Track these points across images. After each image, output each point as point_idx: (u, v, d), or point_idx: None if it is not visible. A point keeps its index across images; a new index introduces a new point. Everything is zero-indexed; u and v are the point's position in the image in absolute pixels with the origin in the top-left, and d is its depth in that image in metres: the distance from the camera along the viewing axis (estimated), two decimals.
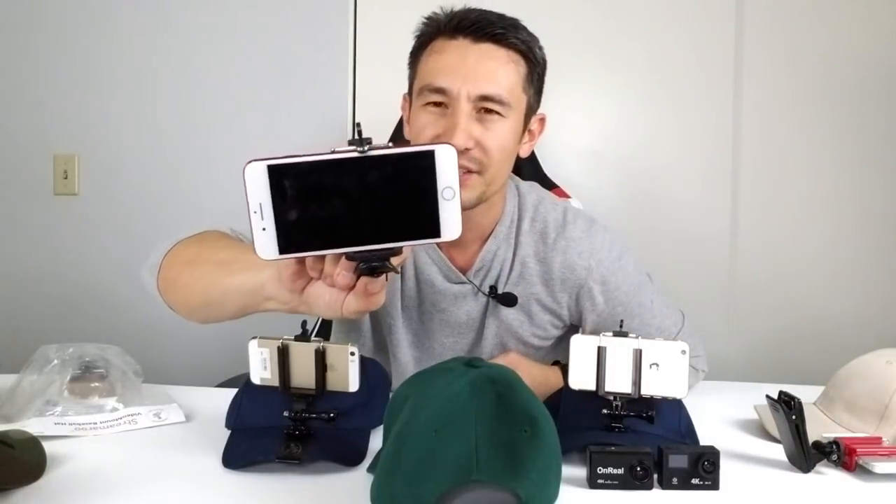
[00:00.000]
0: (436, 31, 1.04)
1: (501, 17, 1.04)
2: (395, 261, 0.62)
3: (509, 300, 1.11)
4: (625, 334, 0.85)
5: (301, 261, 0.66)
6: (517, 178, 1.18)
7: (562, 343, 1.18)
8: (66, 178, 2.16)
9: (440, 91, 1.00)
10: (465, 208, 1.01)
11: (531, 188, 1.18)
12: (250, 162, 0.59)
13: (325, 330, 1.42)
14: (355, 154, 0.58)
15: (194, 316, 0.93)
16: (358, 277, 0.65)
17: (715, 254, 2.07)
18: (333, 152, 0.59)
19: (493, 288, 1.11)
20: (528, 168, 1.37)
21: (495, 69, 1.01)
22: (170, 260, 0.94)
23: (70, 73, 2.15)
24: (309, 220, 0.60)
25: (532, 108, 1.08)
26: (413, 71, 1.07)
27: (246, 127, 2.12)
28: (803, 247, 2.07)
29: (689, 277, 2.04)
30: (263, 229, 0.60)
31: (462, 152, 0.97)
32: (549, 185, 1.46)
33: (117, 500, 0.74)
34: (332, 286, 0.66)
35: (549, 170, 1.35)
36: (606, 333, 0.85)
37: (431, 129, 1.00)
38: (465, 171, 1.00)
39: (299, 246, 0.60)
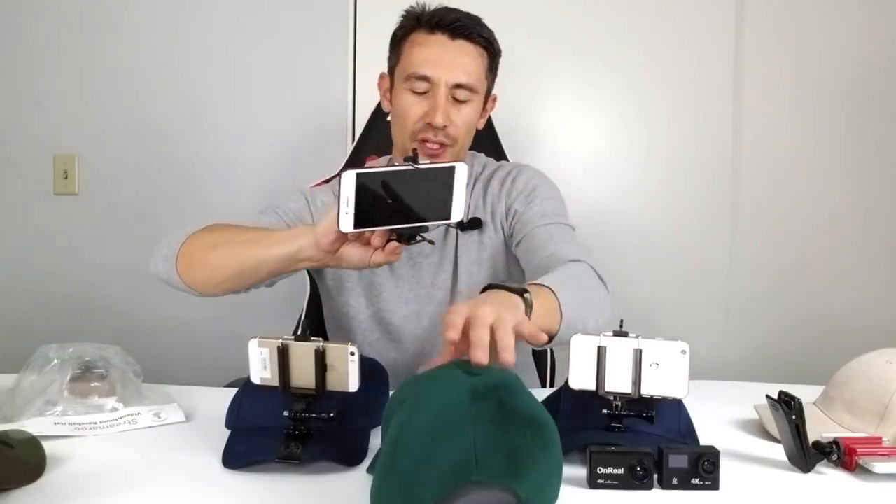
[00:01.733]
0: (416, 24, 1.25)
1: (469, 16, 1.25)
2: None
3: (475, 223, 1.30)
4: (625, 334, 0.85)
5: (339, 231, 0.91)
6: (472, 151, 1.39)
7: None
8: (66, 178, 2.16)
9: (424, 79, 1.21)
10: None
11: (478, 156, 1.41)
12: (346, 170, 0.87)
13: (318, 331, 1.43)
14: (410, 167, 0.91)
15: (221, 287, 1.10)
16: (388, 241, 0.95)
17: (714, 254, 2.07)
18: (395, 165, 1.02)
19: (459, 222, 1.28)
20: (488, 146, 1.54)
21: (468, 63, 1.23)
22: (189, 248, 1.10)
23: (70, 73, 2.15)
24: (376, 207, 0.90)
25: (489, 91, 1.31)
26: (396, 56, 1.27)
27: (246, 127, 2.12)
28: (803, 247, 2.07)
29: (688, 277, 2.04)
30: (346, 213, 0.88)
31: (440, 129, 1.21)
32: (502, 156, 1.58)
33: (117, 500, 0.74)
34: (367, 244, 0.96)
35: (549, 170, 1.37)
36: (606, 333, 0.85)
37: (416, 110, 1.22)
38: (439, 145, 1.23)
39: (367, 224, 0.91)
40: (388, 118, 1.32)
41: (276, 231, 1.10)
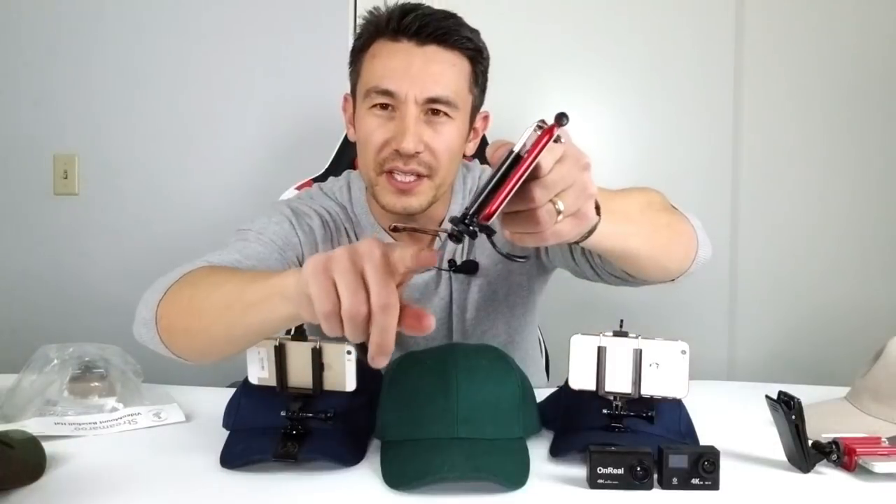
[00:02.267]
0: (375, 32, 1.03)
1: (443, 15, 1.03)
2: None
3: (470, 267, 1.12)
4: (625, 334, 0.85)
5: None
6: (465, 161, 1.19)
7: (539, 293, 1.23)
8: (66, 178, 2.16)
9: (387, 93, 1.00)
10: (416, 213, 1.04)
11: (473, 167, 1.20)
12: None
13: (316, 330, 1.42)
14: None
15: (218, 356, 0.85)
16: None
17: (716, 253, 2.07)
18: None
19: (451, 262, 1.13)
20: (480, 149, 1.40)
21: (441, 72, 1.01)
22: (166, 309, 0.85)
23: (70, 73, 2.15)
24: None
25: (476, 106, 1.09)
26: (356, 72, 1.07)
27: (245, 127, 2.12)
28: (804, 246, 2.07)
29: (689, 278, 2.04)
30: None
31: (412, 156, 0.99)
32: None
33: (117, 500, 0.74)
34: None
35: None
36: (606, 333, 0.85)
37: (380, 134, 1.01)
38: (415, 177, 1.01)
39: None
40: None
41: (266, 289, 0.72)
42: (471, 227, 0.58)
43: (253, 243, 1.02)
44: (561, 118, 0.59)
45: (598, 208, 0.71)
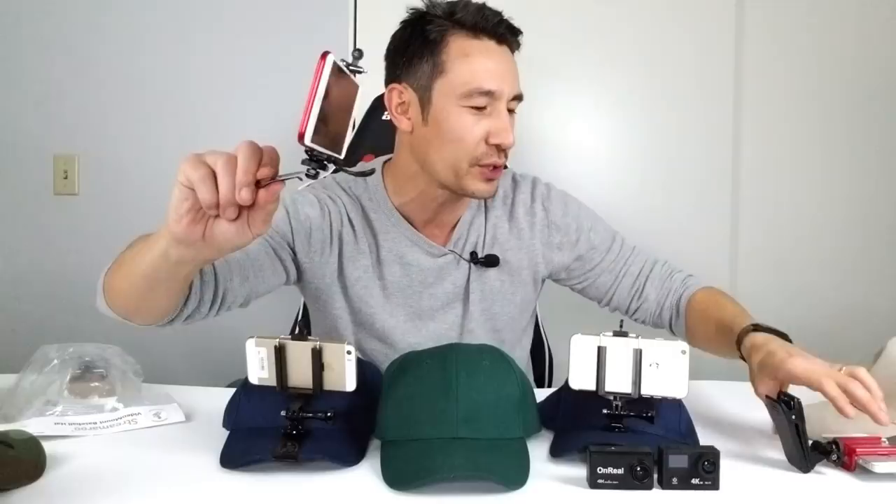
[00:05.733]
0: (452, 25, 1.06)
1: (500, 14, 1.09)
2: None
3: (492, 261, 1.19)
4: (625, 334, 0.85)
5: (193, 211, 0.72)
6: None
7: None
8: (66, 178, 2.16)
9: (488, 94, 1.05)
10: (492, 197, 1.15)
11: None
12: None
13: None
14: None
15: (148, 314, 0.94)
16: (257, 189, 0.71)
17: (716, 253, 2.07)
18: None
19: (473, 254, 1.19)
20: None
21: (517, 70, 1.11)
22: (108, 276, 0.95)
23: (70, 73, 2.15)
24: (334, 116, 0.73)
25: None
26: (432, 66, 1.07)
27: (246, 127, 2.11)
28: (804, 246, 2.07)
29: None
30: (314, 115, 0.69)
31: (506, 150, 1.08)
32: None
33: (117, 500, 0.74)
34: (235, 205, 0.70)
35: (548, 170, 1.37)
36: (606, 333, 0.85)
37: (478, 130, 1.06)
38: (501, 168, 1.10)
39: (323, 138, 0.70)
40: (412, 138, 1.12)
41: (147, 236, 0.87)
42: (313, 160, 0.70)
43: None
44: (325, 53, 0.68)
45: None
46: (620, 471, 0.75)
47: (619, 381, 0.84)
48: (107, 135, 2.15)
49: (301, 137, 0.67)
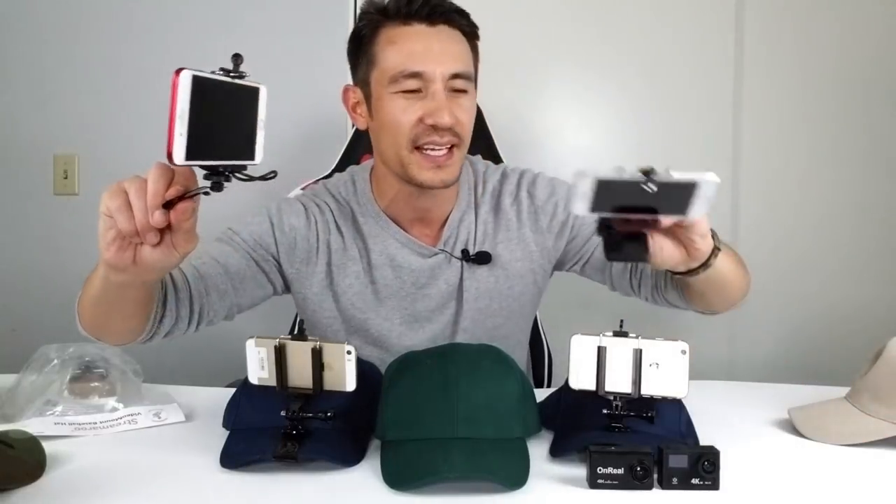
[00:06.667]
0: (382, 18, 1.08)
1: None
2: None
3: (484, 257, 1.17)
4: (625, 334, 0.85)
5: (119, 239, 0.75)
6: None
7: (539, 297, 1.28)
8: (66, 178, 2.16)
9: (415, 75, 1.04)
10: (450, 185, 1.12)
11: (476, 161, 1.26)
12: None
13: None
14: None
15: (110, 336, 0.97)
16: (168, 210, 0.73)
17: None
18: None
19: (464, 251, 1.17)
20: (482, 146, 1.47)
21: (457, 49, 1.08)
22: (78, 303, 0.98)
23: (70, 73, 2.14)
24: (211, 130, 0.73)
25: (476, 83, 1.15)
26: (366, 60, 1.09)
27: None
28: (805, 246, 2.07)
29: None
30: (181, 134, 0.67)
31: (447, 129, 1.05)
32: (497, 158, 1.55)
33: (117, 500, 0.74)
34: (154, 230, 0.73)
35: (549, 170, 1.37)
36: (606, 333, 0.85)
37: (411, 113, 1.05)
38: (447, 150, 1.07)
39: (200, 154, 0.69)
40: (368, 133, 1.15)
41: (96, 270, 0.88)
42: (213, 173, 0.72)
43: (224, 243, 1.11)
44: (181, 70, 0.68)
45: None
46: (620, 471, 0.75)
47: (619, 381, 0.84)
48: (107, 135, 2.15)
49: (169, 157, 0.65)
